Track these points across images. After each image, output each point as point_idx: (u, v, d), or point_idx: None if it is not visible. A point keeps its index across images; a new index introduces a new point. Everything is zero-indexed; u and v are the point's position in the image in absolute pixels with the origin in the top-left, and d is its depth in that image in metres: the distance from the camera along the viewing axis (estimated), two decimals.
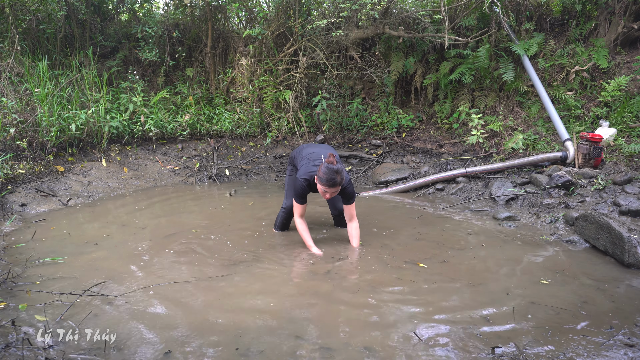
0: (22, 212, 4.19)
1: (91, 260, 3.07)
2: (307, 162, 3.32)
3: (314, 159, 3.33)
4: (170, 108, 6.40)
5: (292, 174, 3.62)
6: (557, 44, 5.64)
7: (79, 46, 6.30)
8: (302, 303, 2.46)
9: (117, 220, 4.08)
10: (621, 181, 3.89)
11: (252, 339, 2.09)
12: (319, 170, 3.05)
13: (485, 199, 4.67)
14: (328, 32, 6.16)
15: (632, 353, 1.97)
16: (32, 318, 2.25)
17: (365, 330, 2.17)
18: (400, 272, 2.90)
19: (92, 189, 4.95)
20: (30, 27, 5.93)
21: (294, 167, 3.63)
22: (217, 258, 3.14)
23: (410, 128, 6.37)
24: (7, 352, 1.92)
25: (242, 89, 6.54)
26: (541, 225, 3.83)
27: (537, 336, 2.12)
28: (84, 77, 5.73)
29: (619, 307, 2.42)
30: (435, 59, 6.09)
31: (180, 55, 6.68)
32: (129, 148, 5.91)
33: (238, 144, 6.58)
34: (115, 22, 6.91)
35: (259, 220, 4.09)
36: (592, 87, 5.32)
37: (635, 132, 4.67)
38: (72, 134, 5.17)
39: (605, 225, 3.10)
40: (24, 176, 4.65)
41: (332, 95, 6.60)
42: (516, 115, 5.65)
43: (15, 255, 3.15)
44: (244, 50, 6.55)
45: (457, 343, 2.07)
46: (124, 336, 2.10)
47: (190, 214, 4.31)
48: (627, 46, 5.45)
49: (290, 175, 3.67)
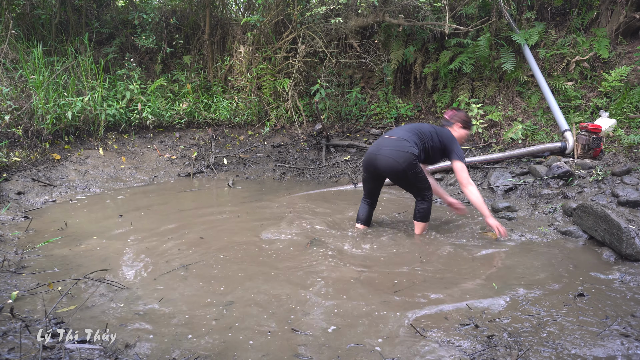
0: (18, 200, 4.17)
1: (88, 250, 3.07)
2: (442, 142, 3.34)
3: (425, 138, 3.28)
4: (168, 96, 6.35)
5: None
6: (558, 34, 5.59)
7: (75, 32, 6.21)
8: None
9: (114, 211, 4.07)
10: (620, 172, 3.89)
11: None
12: (457, 124, 3.50)
13: (483, 189, 4.67)
14: (327, 19, 6.09)
15: (627, 343, 1.98)
16: (30, 306, 2.24)
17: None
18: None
19: (89, 178, 4.92)
20: (25, 12, 5.84)
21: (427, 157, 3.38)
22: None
23: (409, 117, 6.34)
24: (4, 340, 1.92)
25: (241, 77, 6.48)
26: (539, 215, 3.84)
27: (531, 326, 2.13)
28: (80, 64, 5.67)
29: (615, 297, 2.43)
30: (435, 47, 6.04)
31: (178, 42, 6.60)
32: (126, 136, 5.87)
33: (236, 132, 6.54)
34: (112, 8, 6.82)
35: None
36: (593, 78, 5.29)
37: (634, 123, 4.65)
38: (68, 122, 5.13)
39: (604, 216, 3.10)
40: (19, 164, 4.62)
41: (331, 84, 6.55)
42: (516, 106, 5.62)
43: (11, 243, 3.14)
44: (242, 37, 6.48)
45: (449, 331, 2.07)
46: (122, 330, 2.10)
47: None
48: (629, 36, 5.41)
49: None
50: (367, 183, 3.48)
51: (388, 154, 3.15)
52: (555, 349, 1.95)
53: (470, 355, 1.89)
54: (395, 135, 3.26)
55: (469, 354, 1.90)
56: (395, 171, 3.16)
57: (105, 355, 1.87)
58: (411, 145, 3.18)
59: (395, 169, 3.15)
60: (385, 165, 3.17)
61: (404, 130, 3.33)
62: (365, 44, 6.48)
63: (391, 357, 1.88)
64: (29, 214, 3.84)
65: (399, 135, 3.27)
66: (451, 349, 1.94)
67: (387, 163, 3.15)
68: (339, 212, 4.06)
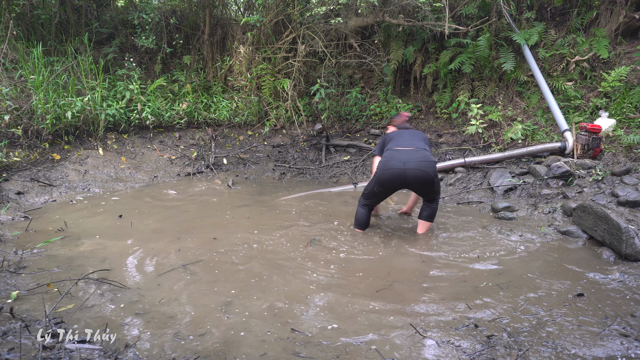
0: (18, 200, 4.17)
1: (88, 250, 3.06)
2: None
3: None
4: (168, 96, 6.34)
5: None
6: (558, 34, 5.60)
7: (75, 32, 6.21)
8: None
9: (114, 211, 4.06)
10: (620, 172, 3.89)
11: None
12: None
13: (483, 189, 4.67)
14: (327, 19, 6.09)
15: (627, 343, 1.98)
16: (30, 306, 2.24)
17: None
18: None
19: (89, 178, 4.92)
20: (24, 12, 5.83)
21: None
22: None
23: (409, 117, 6.33)
24: (4, 340, 1.92)
25: (240, 77, 6.48)
26: (539, 215, 3.84)
27: (531, 326, 2.13)
28: (79, 64, 5.66)
29: (614, 297, 2.43)
30: (435, 48, 6.04)
31: (178, 42, 6.60)
32: (126, 136, 5.87)
33: (236, 132, 6.54)
34: (112, 8, 6.82)
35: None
36: (592, 78, 5.29)
37: (634, 123, 4.65)
38: (68, 122, 5.12)
39: (603, 216, 3.10)
40: (19, 164, 4.61)
41: (330, 84, 6.54)
42: (515, 106, 5.62)
43: (11, 243, 3.14)
44: (242, 37, 6.48)
45: (448, 331, 2.07)
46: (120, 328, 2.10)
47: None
48: (628, 36, 5.41)
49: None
50: (382, 195, 3.43)
51: (417, 167, 3.17)
52: (555, 349, 1.95)
53: (470, 355, 1.89)
54: (414, 146, 3.30)
55: (468, 354, 1.90)
56: (425, 181, 3.22)
57: (105, 355, 1.87)
58: (430, 153, 3.31)
59: (426, 180, 3.21)
60: (415, 177, 3.19)
61: (415, 139, 3.39)
62: (365, 44, 6.48)
63: (391, 357, 1.88)
64: (28, 214, 3.84)
65: (415, 145, 3.31)
66: (451, 349, 1.94)
67: (417, 175, 3.18)
68: (339, 212, 4.06)
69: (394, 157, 3.24)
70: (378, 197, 3.44)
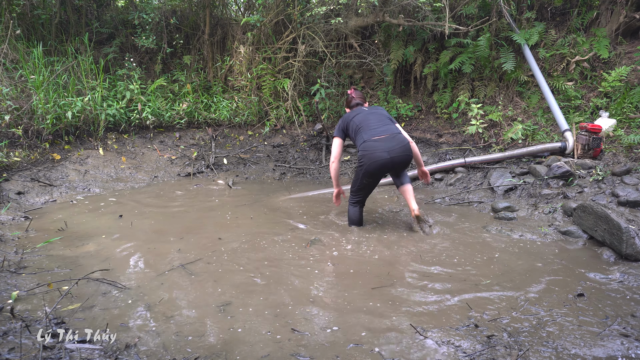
0: (18, 200, 4.17)
1: (88, 250, 3.06)
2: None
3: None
4: (168, 96, 6.34)
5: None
6: (558, 34, 5.59)
7: (75, 32, 6.21)
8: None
9: (115, 211, 4.07)
10: (620, 172, 3.89)
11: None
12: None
13: (483, 189, 4.67)
14: (327, 19, 6.09)
15: (627, 343, 1.98)
16: (30, 306, 2.24)
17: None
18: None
19: (89, 178, 4.92)
20: (25, 12, 5.83)
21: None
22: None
23: (409, 117, 6.34)
24: (4, 340, 1.92)
25: (241, 77, 6.48)
26: (539, 215, 3.84)
27: (531, 326, 2.13)
28: (80, 64, 5.67)
29: (615, 297, 2.43)
30: (435, 48, 6.03)
31: (178, 42, 6.60)
32: (126, 136, 5.87)
33: (236, 132, 6.54)
34: (112, 8, 6.82)
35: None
36: (593, 78, 5.29)
37: (634, 122, 4.65)
38: (68, 122, 5.13)
39: (604, 216, 3.10)
40: (19, 164, 4.62)
41: (331, 84, 6.54)
42: (516, 106, 5.62)
43: (11, 243, 3.14)
44: (242, 37, 6.48)
45: (448, 331, 2.07)
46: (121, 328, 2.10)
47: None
48: (629, 36, 5.41)
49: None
50: (371, 187, 3.57)
51: (401, 152, 3.38)
52: (555, 349, 1.95)
53: (470, 355, 1.89)
54: (388, 132, 3.43)
55: (468, 354, 1.90)
56: (406, 162, 3.48)
57: (106, 355, 1.87)
58: (400, 131, 3.51)
59: (407, 161, 3.47)
60: (400, 162, 3.42)
61: (383, 122, 3.51)
62: (365, 44, 6.47)
63: (391, 357, 1.88)
64: (29, 214, 3.84)
65: (389, 130, 3.44)
66: (451, 349, 1.94)
67: (402, 160, 3.42)
68: (339, 212, 4.06)
69: (376, 148, 3.36)
70: (367, 189, 3.56)
